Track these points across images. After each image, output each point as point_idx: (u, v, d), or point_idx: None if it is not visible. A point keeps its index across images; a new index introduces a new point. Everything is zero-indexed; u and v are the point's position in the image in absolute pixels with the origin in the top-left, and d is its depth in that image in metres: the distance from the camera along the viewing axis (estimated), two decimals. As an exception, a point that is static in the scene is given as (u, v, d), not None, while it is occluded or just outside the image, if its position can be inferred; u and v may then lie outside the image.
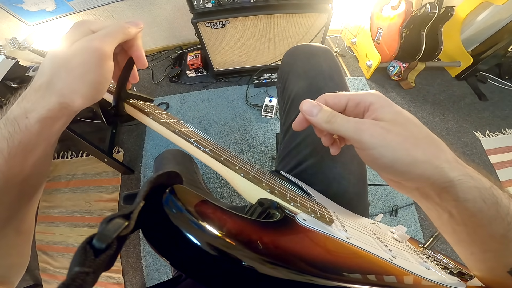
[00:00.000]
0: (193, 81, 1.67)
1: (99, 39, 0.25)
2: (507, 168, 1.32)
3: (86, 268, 0.13)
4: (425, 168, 0.22)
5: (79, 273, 0.13)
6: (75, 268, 0.13)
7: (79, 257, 0.14)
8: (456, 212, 0.23)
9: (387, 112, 0.25)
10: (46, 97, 0.25)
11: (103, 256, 0.14)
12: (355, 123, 0.25)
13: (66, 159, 1.46)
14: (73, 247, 1.23)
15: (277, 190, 0.29)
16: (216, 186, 1.28)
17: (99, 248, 0.14)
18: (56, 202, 1.35)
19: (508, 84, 1.62)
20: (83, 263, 0.14)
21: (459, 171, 0.22)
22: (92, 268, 0.14)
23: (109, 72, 0.27)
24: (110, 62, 0.27)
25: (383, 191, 1.23)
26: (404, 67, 1.49)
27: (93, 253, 0.14)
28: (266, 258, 0.19)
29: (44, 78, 0.25)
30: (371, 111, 0.26)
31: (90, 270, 0.14)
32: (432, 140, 0.24)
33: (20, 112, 0.25)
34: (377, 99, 0.26)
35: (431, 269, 0.32)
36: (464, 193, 0.22)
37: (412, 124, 0.24)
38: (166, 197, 0.19)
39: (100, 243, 0.14)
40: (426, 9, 1.30)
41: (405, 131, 0.24)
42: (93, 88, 0.26)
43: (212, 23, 1.21)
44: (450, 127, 1.43)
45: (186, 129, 0.30)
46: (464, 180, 0.22)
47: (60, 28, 1.51)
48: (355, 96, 0.27)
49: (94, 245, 0.14)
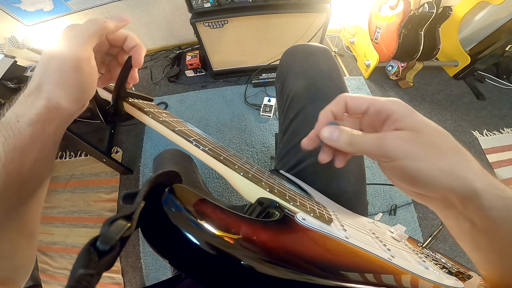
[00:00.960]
0: (191, 81, 1.67)
1: (70, 43, 0.25)
2: (505, 167, 1.33)
3: (91, 270, 0.14)
4: (450, 179, 0.22)
5: (84, 275, 0.13)
6: (80, 270, 0.13)
7: (83, 259, 0.14)
8: (479, 220, 0.23)
9: (410, 121, 0.24)
10: (35, 101, 0.25)
11: (107, 257, 0.15)
12: (377, 139, 0.24)
13: (65, 160, 1.45)
14: (72, 248, 1.23)
15: (277, 189, 0.29)
16: (215, 186, 1.27)
17: (103, 250, 0.15)
18: (54, 203, 1.34)
19: (505, 83, 1.63)
20: (87, 265, 0.14)
21: (484, 181, 0.22)
22: (96, 270, 0.14)
23: (90, 74, 0.26)
24: (89, 63, 0.26)
25: (381, 190, 1.23)
26: (402, 66, 1.50)
27: (97, 254, 0.14)
28: (265, 257, 0.20)
29: (34, 83, 0.25)
30: (392, 120, 0.25)
31: (94, 272, 0.14)
32: (458, 151, 0.23)
33: (13, 116, 0.25)
34: (400, 107, 0.25)
35: (429, 268, 0.32)
36: (489, 202, 0.22)
37: (437, 134, 0.23)
38: (165, 197, 0.19)
39: (104, 245, 0.15)
40: (424, 8, 1.30)
41: (430, 142, 0.23)
42: (76, 91, 0.26)
43: (210, 22, 1.21)
44: (448, 126, 1.44)
45: (186, 128, 0.30)
46: (489, 189, 0.22)
47: (58, 28, 1.50)
48: (377, 102, 0.26)
49: (98, 247, 0.15)
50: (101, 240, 0.15)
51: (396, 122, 0.24)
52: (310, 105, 0.53)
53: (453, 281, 0.32)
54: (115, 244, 0.15)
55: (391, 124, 0.25)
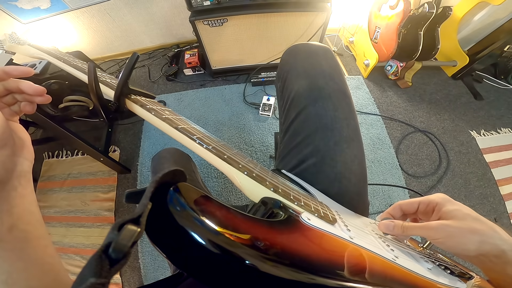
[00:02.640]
0: (190, 80, 1.66)
1: None
2: (502, 167, 1.34)
3: (102, 279, 0.13)
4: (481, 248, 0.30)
5: (96, 284, 0.13)
6: (91, 279, 0.13)
7: (94, 267, 0.13)
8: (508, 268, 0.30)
9: (449, 210, 0.33)
10: None
11: (118, 265, 0.14)
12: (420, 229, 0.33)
13: (61, 159, 1.44)
14: (69, 247, 1.21)
15: (281, 189, 0.28)
16: (214, 186, 1.27)
17: (116, 258, 0.14)
18: (51, 202, 1.33)
19: (503, 83, 1.64)
20: (99, 274, 0.13)
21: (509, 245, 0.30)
22: (108, 279, 0.13)
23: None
24: None
25: (380, 190, 1.23)
26: (401, 66, 1.50)
27: (109, 262, 0.14)
28: (270, 257, 0.19)
29: None
30: (437, 210, 0.35)
31: (106, 281, 0.13)
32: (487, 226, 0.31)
33: None
34: (441, 200, 0.35)
35: (432, 269, 0.32)
36: None
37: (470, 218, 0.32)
38: (170, 195, 0.19)
39: (117, 253, 0.14)
40: (424, 8, 1.30)
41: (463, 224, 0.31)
42: None
43: (210, 21, 1.20)
44: (446, 126, 1.44)
45: (189, 126, 0.29)
46: None
47: (55, 26, 1.49)
48: (425, 199, 0.36)
49: (111, 255, 0.14)
50: (114, 248, 0.14)
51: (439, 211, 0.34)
52: (312, 105, 0.52)
53: (457, 281, 0.32)
54: (127, 251, 0.14)
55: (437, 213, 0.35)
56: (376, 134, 1.40)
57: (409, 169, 1.31)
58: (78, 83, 1.21)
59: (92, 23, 1.57)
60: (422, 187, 1.26)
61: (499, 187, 1.28)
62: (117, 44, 1.76)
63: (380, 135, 1.40)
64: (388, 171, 1.30)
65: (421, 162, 1.33)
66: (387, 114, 1.47)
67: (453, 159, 1.34)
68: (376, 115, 1.47)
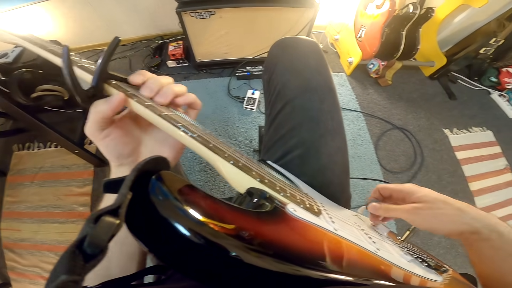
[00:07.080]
0: (173, 72, 1.61)
1: None
2: (472, 164, 1.42)
3: (75, 276, 0.12)
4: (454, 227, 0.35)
5: (68, 281, 0.11)
6: (62, 276, 0.11)
7: (67, 263, 0.12)
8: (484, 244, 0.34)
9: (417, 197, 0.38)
10: None
11: (94, 261, 0.13)
12: (399, 210, 0.38)
13: (33, 151, 1.35)
14: (42, 244, 1.15)
15: (267, 180, 0.28)
16: (196, 179, 1.25)
17: (92, 253, 0.13)
18: (21, 197, 1.24)
19: (476, 84, 1.73)
20: (72, 270, 0.12)
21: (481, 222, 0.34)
22: (81, 276, 0.12)
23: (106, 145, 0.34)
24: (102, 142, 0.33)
25: (359, 184, 1.27)
26: (383, 65, 1.54)
27: (83, 258, 0.13)
28: (256, 248, 0.19)
29: None
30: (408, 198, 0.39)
31: (79, 278, 0.12)
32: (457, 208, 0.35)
33: None
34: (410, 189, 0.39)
35: (411, 261, 0.33)
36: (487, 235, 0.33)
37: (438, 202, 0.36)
38: (152, 184, 0.17)
39: (93, 248, 0.13)
40: (408, 9, 1.33)
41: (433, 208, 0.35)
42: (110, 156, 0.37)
43: (197, 13, 1.17)
44: (422, 124, 1.51)
45: (173, 113, 0.28)
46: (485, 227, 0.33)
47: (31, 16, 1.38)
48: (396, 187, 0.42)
49: (86, 250, 0.13)
50: (89, 242, 0.13)
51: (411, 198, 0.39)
52: (298, 98, 0.53)
53: (433, 274, 0.33)
54: (105, 246, 0.13)
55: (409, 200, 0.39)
56: (357, 130, 1.44)
57: (387, 165, 1.35)
58: (53, 73, 1.14)
59: (71, 12, 1.47)
60: (399, 182, 1.31)
61: (469, 183, 1.36)
62: (97, 34, 1.66)
63: (361, 131, 1.44)
64: (368, 166, 1.34)
65: (397, 158, 1.39)
66: (367, 111, 1.51)
67: (427, 156, 1.41)
68: (358, 111, 1.50)
